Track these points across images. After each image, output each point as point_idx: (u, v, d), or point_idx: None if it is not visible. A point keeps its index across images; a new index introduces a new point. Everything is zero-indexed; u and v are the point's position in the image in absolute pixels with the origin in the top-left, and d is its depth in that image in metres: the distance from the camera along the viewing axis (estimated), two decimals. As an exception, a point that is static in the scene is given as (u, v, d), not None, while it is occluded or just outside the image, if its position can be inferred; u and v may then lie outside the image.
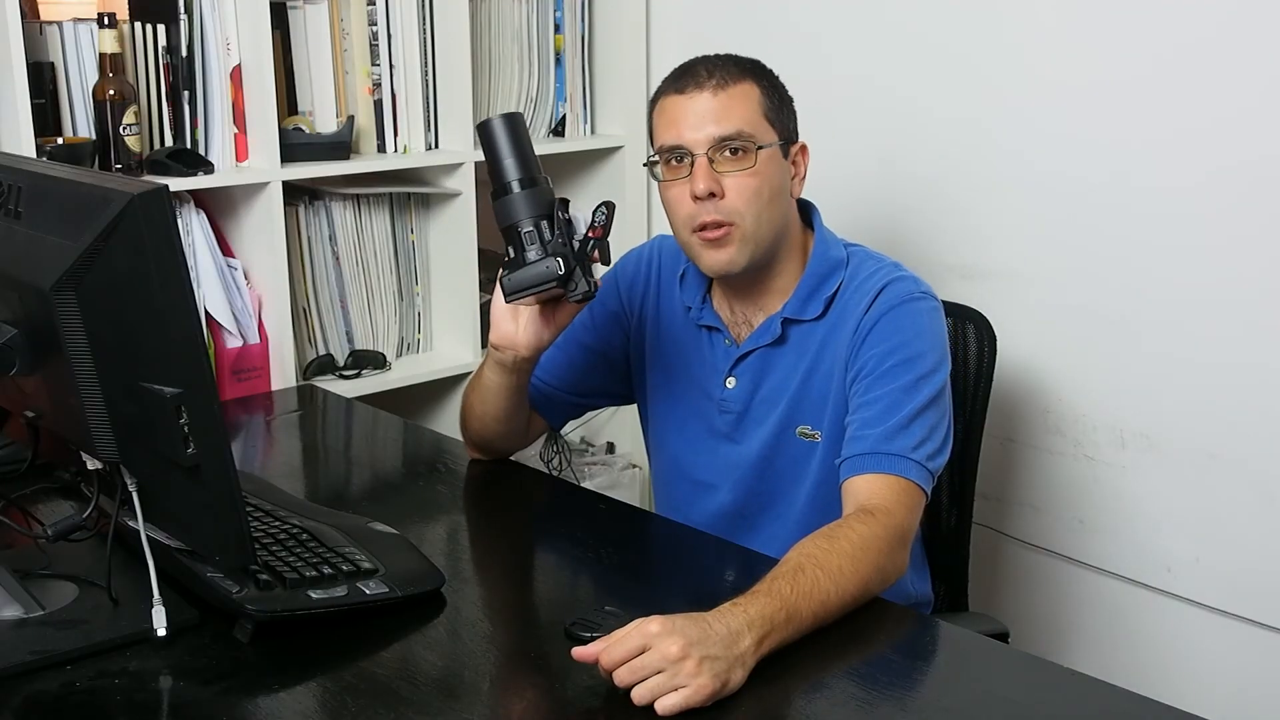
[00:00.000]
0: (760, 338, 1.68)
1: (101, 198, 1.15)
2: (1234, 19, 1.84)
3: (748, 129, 1.59)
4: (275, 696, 1.24)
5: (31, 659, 1.25)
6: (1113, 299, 2.03)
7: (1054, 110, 2.06)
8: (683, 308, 1.75)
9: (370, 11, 2.38)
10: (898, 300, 1.60)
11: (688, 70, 1.63)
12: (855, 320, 1.61)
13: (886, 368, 1.56)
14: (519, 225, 1.50)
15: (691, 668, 1.18)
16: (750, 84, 1.62)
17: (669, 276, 1.78)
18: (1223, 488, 1.95)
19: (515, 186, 1.51)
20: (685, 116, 1.60)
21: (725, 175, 1.58)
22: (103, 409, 1.21)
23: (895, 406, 1.54)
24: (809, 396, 1.65)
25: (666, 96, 1.64)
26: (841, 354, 1.62)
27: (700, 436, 1.73)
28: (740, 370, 1.69)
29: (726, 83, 1.60)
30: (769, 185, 1.60)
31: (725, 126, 1.58)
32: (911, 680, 1.29)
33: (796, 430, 1.66)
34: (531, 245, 1.50)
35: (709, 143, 1.58)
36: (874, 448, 1.52)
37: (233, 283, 2.24)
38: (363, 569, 1.38)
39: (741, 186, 1.58)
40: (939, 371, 1.58)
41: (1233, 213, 1.88)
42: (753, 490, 1.69)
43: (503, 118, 1.53)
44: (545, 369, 1.77)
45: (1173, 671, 2.06)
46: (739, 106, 1.60)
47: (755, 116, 1.61)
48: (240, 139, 2.24)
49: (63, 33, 2.11)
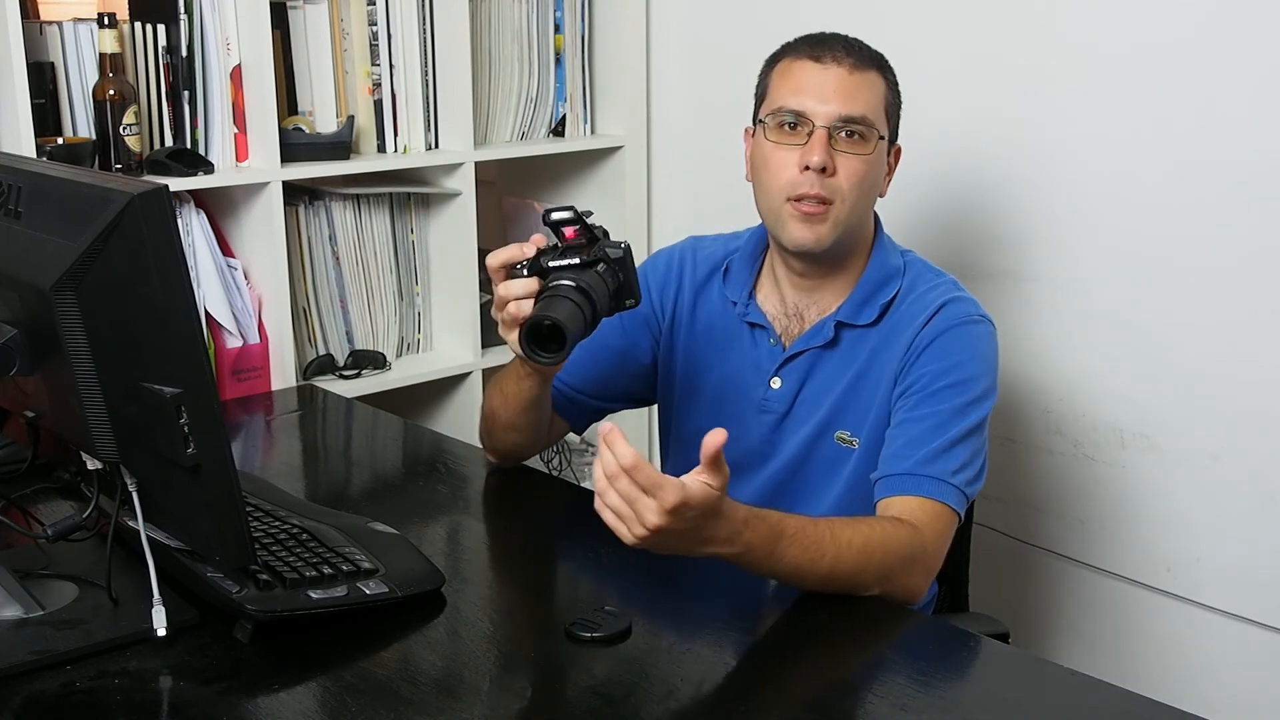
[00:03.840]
0: (812, 339, 1.66)
1: (101, 198, 1.15)
2: (1219, 20, 1.85)
3: (872, 115, 1.59)
4: (275, 696, 1.24)
5: (31, 659, 1.25)
6: (1113, 299, 2.03)
7: (1051, 110, 2.06)
8: (724, 302, 1.73)
9: (370, 11, 2.38)
10: (956, 321, 1.59)
11: (824, 41, 1.62)
12: (911, 334, 1.60)
13: (938, 388, 1.55)
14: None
15: (646, 536, 1.25)
16: (878, 75, 1.62)
17: (704, 275, 1.76)
18: (1223, 488, 1.95)
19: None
20: (816, 86, 1.59)
21: (839, 155, 1.58)
22: (103, 409, 1.21)
23: (941, 428, 1.53)
24: (854, 403, 1.63)
25: (798, 60, 1.62)
26: (892, 366, 1.60)
27: (732, 436, 1.71)
28: (787, 371, 1.67)
29: (861, 66, 1.60)
30: (873, 175, 1.61)
31: (854, 108, 1.58)
32: (911, 680, 1.29)
33: (835, 435, 1.65)
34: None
35: (833, 118, 1.57)
36: (914, 469, 1.51)
37: (233, 283, 2.24)
38: (363, 569, 1.37)
39: (852, 169, 1.58)
40: (988, 399, 1.58)
41: (1233, 212, 1.88)
42: (782, 490, 1.68)
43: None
44: (570, 372, 1.73)
45: (1173, 671, 2.06)
46: (868, 92, 1.60)
47: (879, 106, 1.61)
48: (240, 139, 2.24)
49: (63, 33, 2.11)
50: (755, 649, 1.38)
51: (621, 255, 1.47)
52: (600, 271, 1.45)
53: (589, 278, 1.43)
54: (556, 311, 1.37)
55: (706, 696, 1.27)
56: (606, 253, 1.46)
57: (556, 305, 1.39)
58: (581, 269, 1.44)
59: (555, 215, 1.47)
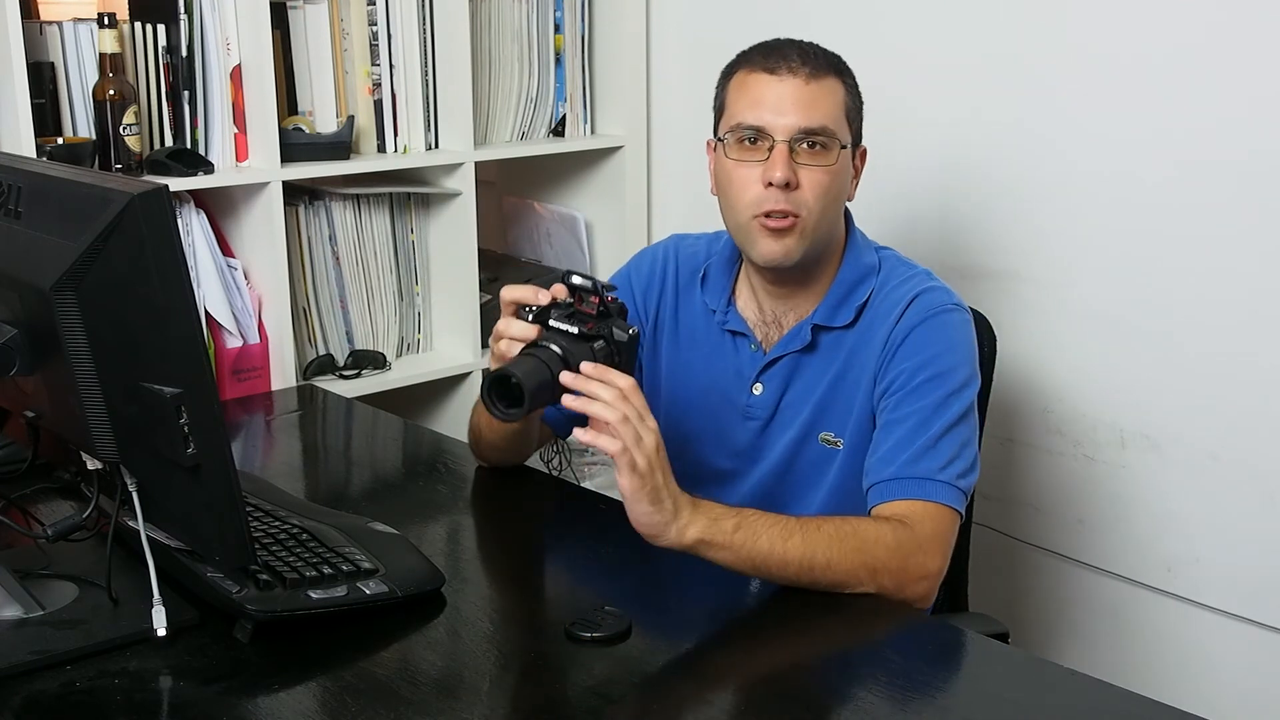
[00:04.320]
0: (790, 343, 1.66)
1: (101, 198, 1.15)
2: (1219, 21, 1.85)
3: (832, 125, 1.56)
4: (275, 696, 1.24)
5: (31, 659, 1.25)
6: (1113, 299, 2.03)
7: (1051, 111, 2.06)
8: (704, 310, 1.72)
9: (370, 11, 2.38)
10: (929, 313, 1.58)
11: (777, 50, 1.59)
12: (885, 330, 1.59)
13: (917, 383, 1.55)
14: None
15: (642, 465, 1.34)
16: (837, 80, 1.59)
17: (687, 276, 1.75)
18: (1223, 487, 1.95)
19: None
20: (773, 99, 1.56)
21: (802, 167, 1.56)
22: (103, 409, 1.21)
23: (924, 425, 1.52)
24: (835, 404, 1.63)
25: (753, 72, 1.59)
26: (870, 365, 1.60)
27: (719, 440, 1.72)
28: (768, 376, 1.67)
29: (818, 74, 1.57)
30: (838, 184, 1.59)
31: (813, 118, 1.55)
32: (911, 680, 1.29)
33: (819, 437, 1.64)
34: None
35: (792, 131, 1.55)
36: (900, 472, 1.50)
37: (233, 283, 2.24)
38: (363, 569, 1.37)
39: (816, 181, 1.56)
40: (969, 387, 1.57)
41: (1233, 212, 1.88)
42: (770, 493, 1.68)
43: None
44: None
45: (1173, 671, 2.06)
46: (826, 101, 1.57)
47: (839, 114, 1.58)
48: (240, 139, 2.24)
49: (63, 33, 2.11)
50: (755, 649, 1.38)
51: (626, 340, 1.44)
52: (596, 349, 1.41)
53: (579, 351, 1.40)
54: (527, 374, 1.35)
55: (706, 696, 1.27)
56: (613, 332, 1.43)
57: (531, 367, 1.37)
58: (577, 340, 1.41)
59: (575, 280, 1.44)
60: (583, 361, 1.38)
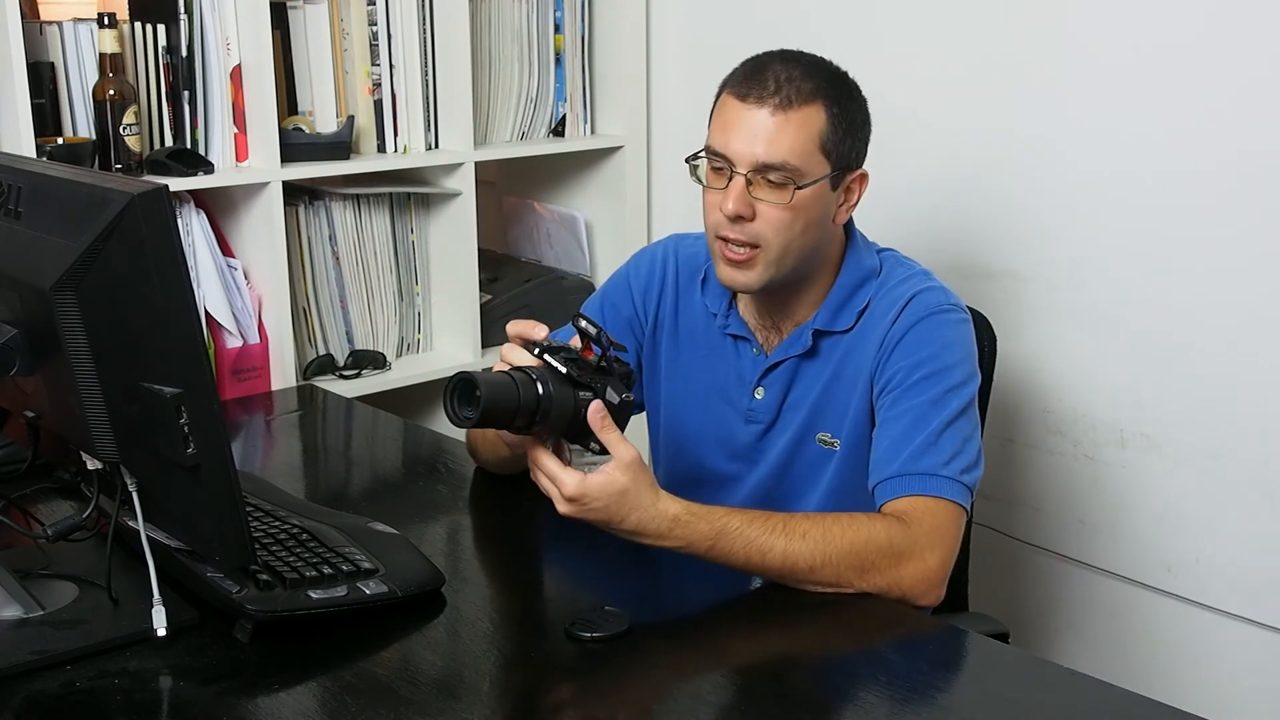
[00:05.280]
0: (790, 348, 1.65)
1: (101, 198, 1.15)
2: (1219, 22, 1.85)
3: (794, 161, 1.50)
4: (275, 696, 1.24)
5: (31, 659, 1.25)
6: (1113, 299, 2.03)
7: (1051, 111, 2.06)
8: (705, 311, 1.72)
9: (370, 11, 2.38)
10: (925, 312, 1.57)
11: (757, 74, 1.54)
12: (882, 331, 1.58)
13: (914, 381, 1.54)
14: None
15: (569, 514, 1.38)
16: (818, 108, 1.52)
17: (686, 277, 1.75)
18: (1223, 487, 1.95)
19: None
20: (740, 129, 1.52)
21: (759, 202, 1.52)
22: (103, 409, 1.21)
23: (922, 421, 1.51)
24: (831, 404, 1.63)
25: (731, 96, 1.55)
26: (866, 365, 1.59)
27: (720, 443, 1.71)
28: (769, 380, 1.66)
29: (792, 102, 1.51)
30: (804, 218, 1.54)
31: (773, 154, 1.50)
32: (911, 680, 1.29)
33: (817, 437, 1.64)
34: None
35: (751, 164, 1.51)
36: (901, 469, 1.49)
37: (233, 283, 2.24)
38: (363, 569, 1.37)
39: (774, 217, 1.52)
40: (969, 384, 1.56)
41: (1233, 212, 1.88)
42: (768, 494, 1.68)
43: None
44: None
45: (1173, 671, 2.05)
46: (793, 135, 1.51)
47: (809, 149, 1.52)
48: (240, 139, 2.24)
49: (63, 33, 2.11)
50: (754, 649, 1.38)
51: (618, 404, 1.40)
52: (579, 398, 1.38)
53: (560, 393, 1.36)
54: (492, 388, 1.32)
55: (706, 696, 1.27)
56: (607, 389, 1.40)
57: (500, 384, 1.34)
58: (563, 382, 1.38)
59: (582, 323, 1.41)
60: (561, 410, 1.37)
